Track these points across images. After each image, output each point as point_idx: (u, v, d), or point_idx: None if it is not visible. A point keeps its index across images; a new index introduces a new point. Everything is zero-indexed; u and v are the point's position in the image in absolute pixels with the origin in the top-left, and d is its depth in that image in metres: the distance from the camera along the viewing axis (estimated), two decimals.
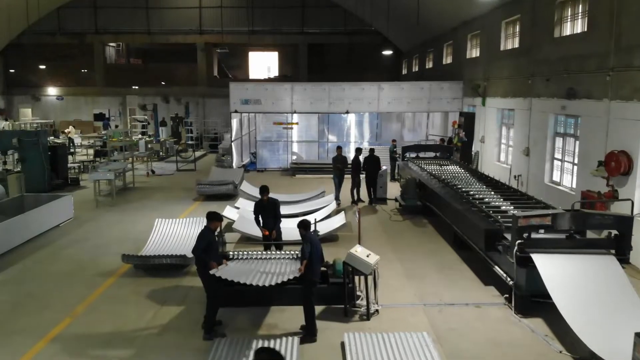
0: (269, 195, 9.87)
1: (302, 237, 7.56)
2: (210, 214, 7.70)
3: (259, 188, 9.83)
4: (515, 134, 16.08)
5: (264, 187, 9.81)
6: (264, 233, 9.66)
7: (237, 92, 21.81)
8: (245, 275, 7.51)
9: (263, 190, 9.77)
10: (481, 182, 13.03)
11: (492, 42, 18.04)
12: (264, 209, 9.72)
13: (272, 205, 9.76)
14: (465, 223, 10.08)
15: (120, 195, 16.77)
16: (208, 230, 7.56)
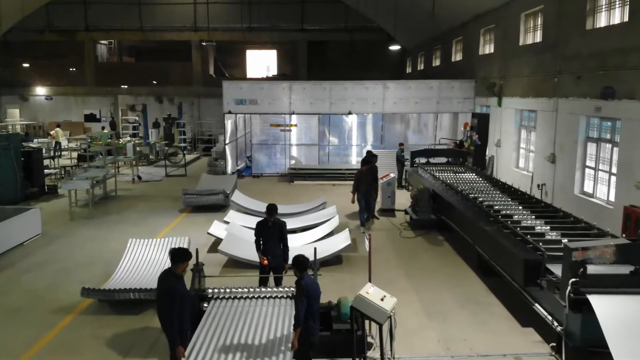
0: (275, 215, 8.15)
1: (297, 285, 5.86)
2: (175, 254, 5.67)
3: (266, 207, 8.10)
4: (538, 138, 14.46)
5: (271, 207, 8.08)
6: (262, 262, 7.94)
7: (231, 91, 20.20)
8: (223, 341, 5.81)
9: (270, 211, 8.06)
10: (504, 194, 11.42)
11: (510, 37, 16.42)
12: (267, 232, 8.04)
13: (277, 227, 8.05)
14: (495, 248, 8.46)
15: (99, 206, 15.16)
16: (172, 277, 5.52)
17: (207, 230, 10.91)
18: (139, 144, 23.93)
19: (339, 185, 18.60)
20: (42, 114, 35.87)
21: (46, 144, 26.47)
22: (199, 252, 10.69)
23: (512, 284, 7.79)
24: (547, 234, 8.46)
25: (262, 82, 23.95)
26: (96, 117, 35.77)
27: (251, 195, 15.63)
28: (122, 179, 19.49)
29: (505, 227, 8.64)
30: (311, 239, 10.71)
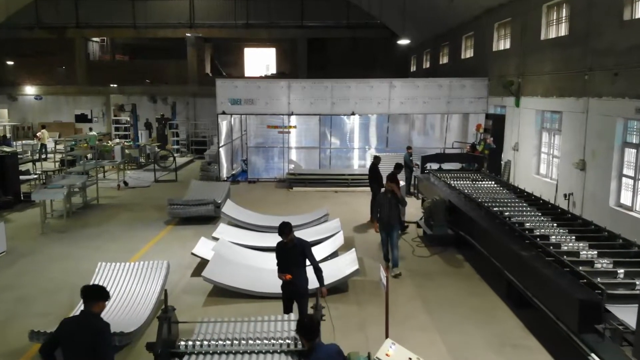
0: (293, 234, 6.71)
1: None
2: (89, 292, 4.47)
3: (278, 227, 6.64)
4: (564, 142, 13.01)
5: (283, 227, 6.60)
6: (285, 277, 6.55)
7: (225, 90, 18.75)
8: None
9: (282, 231, 6.58)
10: (532, 207, 9.97)
11: (529, 31, 14.97)
12: (286, 255, 6.68)
13: (298, 250, 6.65)
14: (534, 278, 7.02)
15: (77, 217, 13.72)
16: (92, 318, 4.37)
17: (192, 250, 9.45)
18: (128, 147, 22.49)
19: (342, 192, 17.15)
20: (32, 114, 34.43)
21: (31, 147, 25.10)
22: (181, 275, 9.36)
23: (558, 325, 6.35)
24: (595, 261, 7.02)
25: (259, 80, 22.53)
26: (87, 118, 34.32)
27: (245, 204, 14.21)
28: (107, 184, 18.07)
29: (546, 253, 7.18)
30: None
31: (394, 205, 9.50)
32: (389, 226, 9.51)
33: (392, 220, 9.46)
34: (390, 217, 9.46)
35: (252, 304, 7.99)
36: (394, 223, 9.51)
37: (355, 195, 16.45)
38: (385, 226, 9.52)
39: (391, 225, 9.49)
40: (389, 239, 9.59)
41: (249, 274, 8.69)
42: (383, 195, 9.72)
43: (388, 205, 9.48)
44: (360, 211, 14.09)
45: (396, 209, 9.55)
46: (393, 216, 9.48)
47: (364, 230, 12.51)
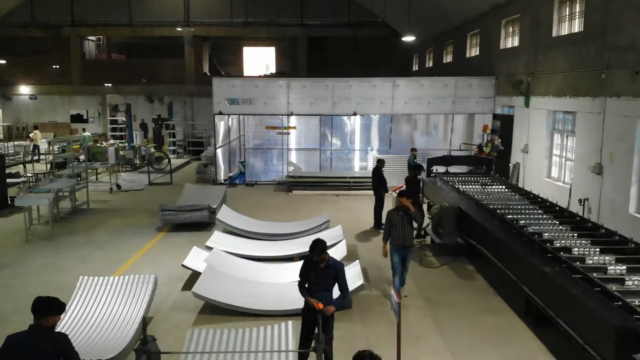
0: (328, 254, 5.85)
1: None
2: (42, 305, 4.23)
3: (312, 243, 5.74)
4: (578, 144, 12.32)
5: (317, 243, 5.70)
6: (317, 306, 5.59)
7: (221, 89, 18.08)
8: None
9: (316, 249, 5.67)
10: (549, 214, 9.28)
11: (540, 27, 14.28)
12: (316, 275, 5.80)
13: (332, 272, 5.83)
14: (559, 297, 6.33)
15: (65, 223, 13.03)
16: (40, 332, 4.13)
17: (182, 262, 8.75)
18: (123, 148, 21.80)
19: (343, 196, 16.46)
20: (26, 114, 33.79)
21: (23, 148, 24.42)
22: (171, 289, 8.66)
23: (587, 351, 5.66)
24: (626, 278, 6.34)
25: (257, 79, 21.84)
26: (83, 118, 33.66)
27: (242, 208, 13.57)
28: (99, 187, 17.39)
29: (572, 269, 6.49)
30: None
31: (408, 223, 8.17)
32: (404, 248, 8.16)
33: (408, 241, 8.16)
34: (405, 238, 8.12)
35: (247, 322, 7.29)
36: (410, 244, 8.21)
37: (357, 200, 15.77)
38: (399, 249, 8.15)
39: (406, 248, 8.19)
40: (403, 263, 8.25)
41: (245, 288, 8.00)
42: (394, 213, 8.23)
43: (401, 224, 8.11)
44: (363, 217, 13.41)
45: (411, 227, 8.28)
46: (408, 237, 8.16)
47: (368, 238, 11.83)
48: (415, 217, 8.35)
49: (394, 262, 8.20)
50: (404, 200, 8.25)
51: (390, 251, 8.26)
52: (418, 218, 8.42)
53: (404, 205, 8.18)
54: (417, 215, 8.36)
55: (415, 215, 8.38)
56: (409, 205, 8.22)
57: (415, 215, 8.33)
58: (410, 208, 8.18)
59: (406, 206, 8.17)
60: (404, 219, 8.13)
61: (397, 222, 8.12)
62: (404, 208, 8.20)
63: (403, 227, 8.10)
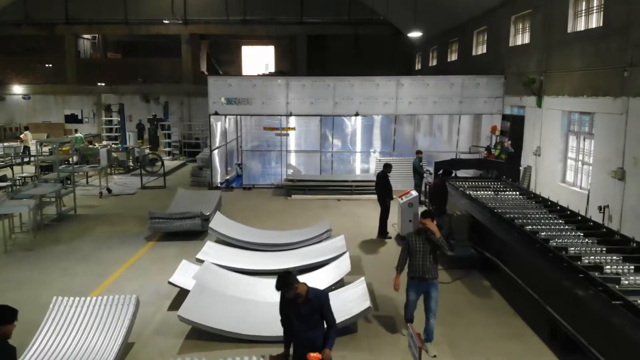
0: (305, 285, 4.82)
1: None
2: None
3: (277, 280, 4.79)
4: (598, 147, 11.50)
5: (283, 278, 4.77)
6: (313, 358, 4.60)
7: (217, 89, 17.27)
8: None
9: (284, 284, 4.75)
10: (572, 225, 8.48)
11: (553, 23, 13.48)
12: (297, 315, 4.85)
13: (313, 305, 4.83)
14: (595, 326, 5.54)
15: (49, 231, 12.22)
16: None
17: (169, 279, 7.95)
18: (116, 149, 21.00)
19: (345, 200, 15.66)
20: (20, 114, 33.01)
21: (14, 149, 23.61)
22: (157, 308, 7.85)
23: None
24: None
25: (255, 78, 21.01)
26: (78, 118, 32.87)
27: (238, 214, 12.84)
28: (89, 192, 16.58)
29: (610, 292, 5.69)
30: None
31: (430, 252, 6.56)
32: (424, 283, 6.58)
33: (429, 274, 6.57)
34: (426, 269, 6.55)
35: (240, 349, 6.50)
36: (432, 277, 6.58)
37: (360, 205, 14.97)
38: (418, 282, 6.61)
39: (427, 282, 6.57)
40: (426, 302, 6.66)
41: (237, 308, 7.20)
42: (414, 238, 6.69)
43: (422, 251, 6.57)
44: (367, 224, 12.63)
45: (435, 256, 6.63)
46: (430, 267, 6.57)
47: (372, 248, 11.04)
48: (441, 246, 6.58)
49: (409, 299, 6.72)
50: (428, 222, 6.59)
51: (407, 286, 6.74)
52: (444, 246, 6.62)
53: (427, 229, 6.59)
54: (443, 243, 6.59)
55: (441, 243, 6.58)
56: (434, 229, 6.57)
57: (441, 242, 6.57)
58: (435, 233, 6.55)
59: (430, 230, 6.58)
60: (426, 246, 6.58)
61: (417, 249, 6.60)
62: (426, 231, 6.60)
63: (424, 256, 6.55)
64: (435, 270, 6.65)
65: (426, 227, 6.60)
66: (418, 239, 6.66)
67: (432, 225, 6.59)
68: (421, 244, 6.59)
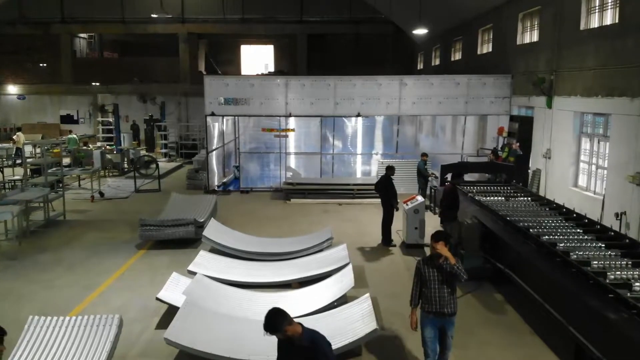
0: (299, 326, 4.02)
1: None
2: None
3: (265, 320, 3.93)
4: (613, 150, 10.91)
5: (272, 317, 3.94)
6: None
7: (214, 88, 16.70)
8: None
9: (273, 326, 3.91)
10: (591, 235, 7.89)
11: (564, 20, 12.89)
12: (290, 356, 4.10)
13: (308, 351, 3.97)
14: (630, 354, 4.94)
15: (36, 238, 11.62)
16: None
17: (157, 294, 7.35)
18: (110, 151, 20.40)
19: (346, 204, 15.06)
20: (15, 114, 32.45)
21: (5, 151, 23.00)
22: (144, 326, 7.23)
23: None
24: None
25: (253, 78, 20.42)
26: (74, 119, 32.32)
27: (235, 219, 12.28)
28: (81, 195, 15.99)
29: None
30: (312, 309, 7.14)
31: (446, 281, 5.56)
32: (441, 317, 5.58)
33: (447, 307, 5.56)
34: (443, 302, 5.54)
35: None
36: (450, 312, 5.59)
37: (362, 209, 14.37)
38: (435, 318, 5.59)
39: (445, 316, 5.59)
40: (441, 338, 5.69)
41: (231, 328, 6.60)
42: (426, 266, 5.66)
43: (437, 281, 5.57)
44: (369, 230, 12.04)
45: (452, 286, 5.61)
46: (448, 300, 5.56)
47: (376, 256, 10.44)
48: (457, 273, 5.51)
49: (425, 336, 5.65)
50: (440, 247, 5.52)
51: (421, 320, 5.69)
52: (461, 274, 5.51)
53: (439, 254, 5.56)
54: (459, 270, 5.51)
55: (457, 271, 5.51)
56: (447, 255, 5.52)
57: (456, 270, 5.50)
58: (449, 259, 5.51)
59: (443, 254, 5.53)
60: (441, 275, 5.57)
61: (430, 279, 5.59)
62: (439, 257, 5.56)
63: (440, 286, 5.54)
64: (454, 303, 5.63)
65: (438, 253, 5.56)
66: (430, 267, 5.63)
67: (444, 250, 5.53)
68: (434, 273, 5.59)
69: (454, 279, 5.56)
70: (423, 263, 5.74)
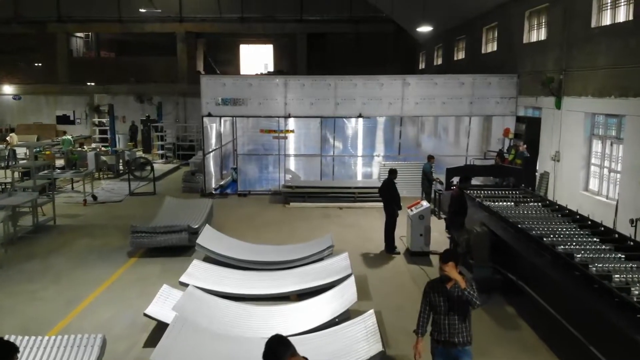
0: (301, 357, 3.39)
1: None
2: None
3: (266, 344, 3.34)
4: (628, 153, 10.42)
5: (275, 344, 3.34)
6: None
7: (210, 88, 16.22)
8: None
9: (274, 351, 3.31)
10: (610, 246, 7.37)
11: (574, 17, 12.41)
12: None
13: None
14: None
15: (23, 244, 11.11)
16: None
17: (145, 310, 6.85)
18: (105, 153, 19.90)
19: (347, 209, 14.56)
20: (10, 115, 31.93)
21: None
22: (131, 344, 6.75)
23: None
24: None
25: (251, 77, 19.94)
26: (70, 119, 31.82)
27: (231, 224, 11.84)
28: (73, 199, 15.48)
29: None
30: (311, 325, 6.63)
31: (456, 307, 4.94)
32: (451, 347, 4.97)
33: (459, 337, 4.95)
34: (453, 331, 4.93)
35: None
36: (463, 341, 4.98)
37: (364, 214, 13.87)
38: (445, 348, 5.01)
39: (455, 347, 4.96)
40: None
41: (224, 349, 6.10)
42: (435, 291, 5.05)
43: (446, 306, 4.97)
44: (371, 236, 11.55)
45: (464, 312, 4.97)
46: (459, 329, 4.95)
47: (379, 264, 9.97)
48: (469, 299, 4.84)
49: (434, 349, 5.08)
50: (449, 269, 4.88)
51: (431, 350, 5.12)
52: (473, 300, 4.85)
53: (448, 277, 4.92)
54: (471, 296, 4.83)
55: (469, 296, 4.83)
56: (457, 278, 4.87)
57: (469, 295, 4.83)
58: (460, 282, 4.85)
59: (452, 277, 4.89)
60: (451, 300, 4.94)
61: (438, 304, 4.99)
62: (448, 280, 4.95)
63: (449, 313, 4.94)
64: (466, 332, 4.98)
65: (447, 276, 4.92)
66: (439, 291, 5.01)
67: (454, 272, 4.89)
68: (444, 298, 4.97)
69: (466, 305, 4.91)
70: (431, 286, 5.12)
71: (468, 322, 5.02)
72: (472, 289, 4.88)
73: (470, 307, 4.93)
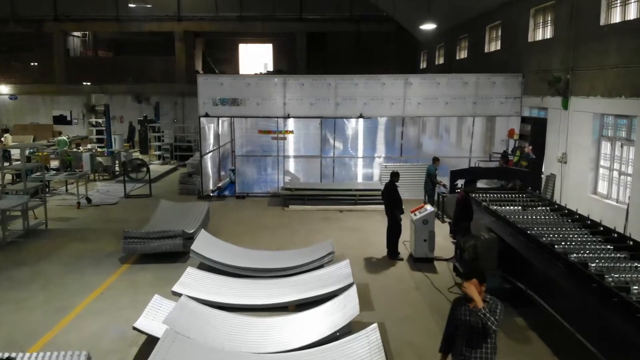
0: None
1: None
2: None
3: None
4: (638, 155, 10.05)
5: None
6: None
7: (207, 88, 15.86)
8: None
9: None
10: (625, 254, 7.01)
11: (582, 15, 12.03)
12: None
13: None
14: None
15: (13, 249, 10.75)
16: None
17: (134, 323, 6.47)
18: (100, 154, 19.52)
19: (348, 212, 14.19)
20: (6, 115, 31.62)
21: None
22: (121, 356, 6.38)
23: None
24: None
25: (249, 77, 19.57)
26: (67, 119, 31.49)
27: (228, 228, 11.49)
28: (67, 201, 15.11)
29: None
30: (311, 339, 6.26)
31: (476, 331, 4.48)
32: None
33: None
34: (468, 355, 4.52)
35: None
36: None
37: (365, 217, 13.51)
38: None
39: None
40: None
41: None
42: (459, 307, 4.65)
43: (466, 329, 4.55)
44: (373, 241, 11.18)
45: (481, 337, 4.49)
46: (475, 355, 4.51)
47: (381, 271, 9.58)
48: (486, 323, 4.36)
49: None
50: (470, 288, 4.47)
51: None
52: (489, 323, 4.35)
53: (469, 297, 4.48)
54: (487, 319, 4.35)
55: (485, 319, 4.36)
56: (475, 297, 4.42)
57: (483, 318, 4.36)
58: (476, 303, 4.41)
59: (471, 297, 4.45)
60: (471, 322, 4.50)
61: (460, 324, 4.61)
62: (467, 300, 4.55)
63: (470, 337, 4.52)
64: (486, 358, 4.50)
65: (468, 295, 4.47)
66: (462, 310, 4.58)
67: (473, 291, 4.42)
68: (465, 318, 4.54)
69: (485, 328, 4.40)
70: (457, 304, 4.72)
71: (488, 348, 4.51)
72: (490, 311, 4.40)
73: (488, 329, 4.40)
